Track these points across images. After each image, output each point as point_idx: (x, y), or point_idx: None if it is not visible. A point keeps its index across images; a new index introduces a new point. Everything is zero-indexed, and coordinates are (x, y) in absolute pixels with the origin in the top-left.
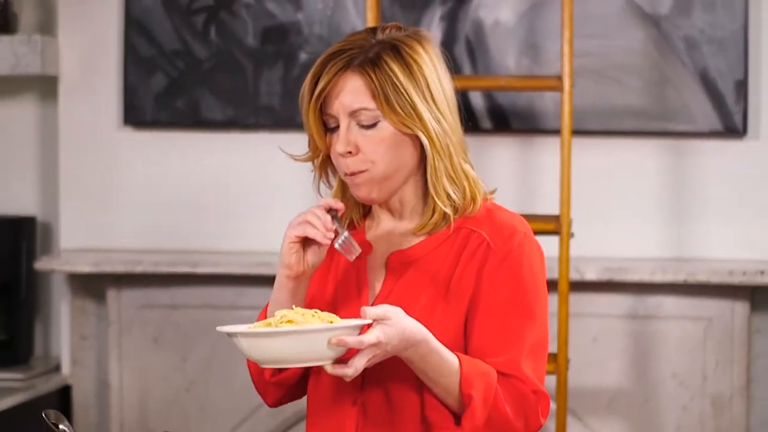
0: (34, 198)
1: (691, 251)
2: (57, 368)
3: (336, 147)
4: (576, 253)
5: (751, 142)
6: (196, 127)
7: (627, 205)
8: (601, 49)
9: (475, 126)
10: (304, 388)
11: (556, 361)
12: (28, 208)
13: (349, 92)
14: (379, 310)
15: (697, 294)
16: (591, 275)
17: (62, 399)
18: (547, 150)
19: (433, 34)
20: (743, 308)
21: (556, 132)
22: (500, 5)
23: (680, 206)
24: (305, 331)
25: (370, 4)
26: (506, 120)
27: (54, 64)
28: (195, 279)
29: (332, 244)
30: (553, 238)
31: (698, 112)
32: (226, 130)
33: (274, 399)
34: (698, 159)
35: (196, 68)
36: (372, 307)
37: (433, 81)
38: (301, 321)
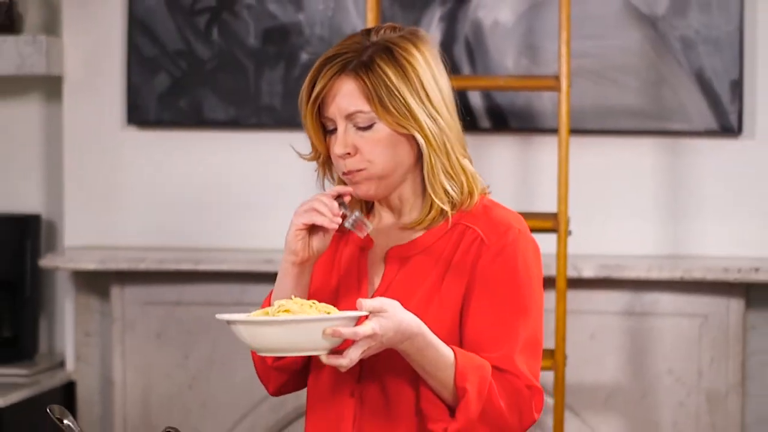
0: (39, 196)
1: (687, 249)
2: (61, 364)
3: (334, 149)
4: (573, 251)
5: (747, 142)
6: (199, 126)
7: (624, 203)
8: (598, 49)
9: (474, 125)
10: (305, 378)
11: (553, 358)
12: (32, 207)
13: (345, 96)
14: (376, 303)
15: (693, 291)
16: (588, 272)
17: (66, 395)
18: (545, 149)
19: (433, 34)
20: (738, 305)
21: (554, 131)
22: (499, 6)
23: (676, 204)
24: (301, 320)
25: (371, 4)
26: (505, 119)
27: (58, 64)
28: (198, 276)
29: (340, 229)
30: (551, 236)
31: (694, 111)
32: (229, 130)
33: (276, 386)
34: (694, 158)
35: (199, 68)
36: (368, 299)
37: (427, 80)
38: (298, 311)
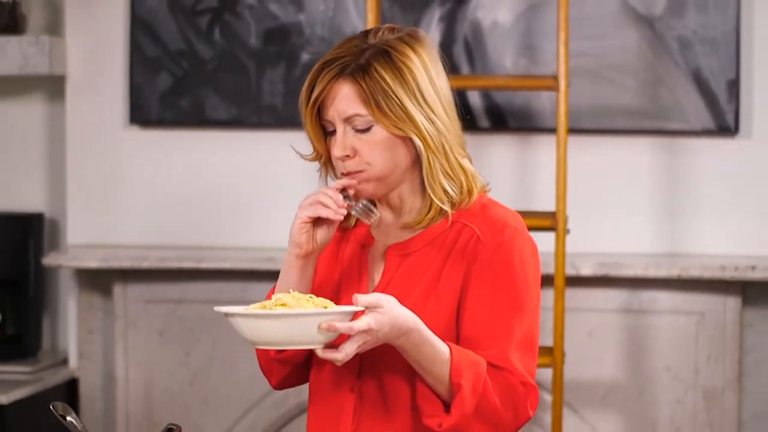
0: (42, 195)
1: (684, 247)
2: (64, 362)
3: (333, 151)
4: (572, 249)
5: (743, 141)
6: (201, 125)
7: (622, 201)
8: (596, 49)
9: (473, 125)
10: (307, 373)
11: (552, 355)
12: (36, 205)
13: (343, 99)
14: (372, 298)
15: (690, 289)
16: (586, 270)
17: (69, 391)
18: (543, 148)
19: (432, 34)
20: (735, 303)
21: (552, 130)
22: (498, 6)
23: (674, 203)
24: (296, 314)
25: (371, 5)
26: (504, 119)
27: (61, 64)
28: (200, 274)
29: (344, 225)
30: (549, 235)
31: (691, 111)
32: (230, 129)
33: (278, 379)
34: (691, 157)
35: (201, 68)
36: (364, 294)
37: (423, 82)
38: (295, 305)
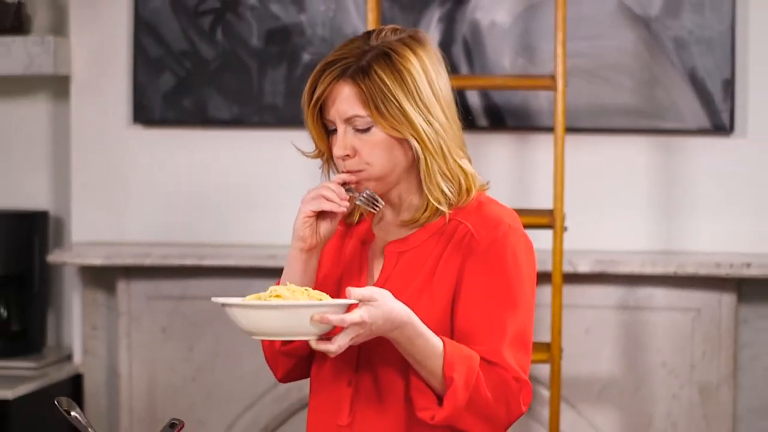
0: (47, 193)
1: (680, 244)
2: (69, 357)
3: (334, 151)
4: (569, 247)
5: (738, 140)
6: (203, 125)
7: (618, 200)
8: (593, 49)
9: (471, 124)
10: (311, 366)
11: (549, 351)
12: (40, 203)
13: (343, 100)
14: (366, 292)
15: (686, 286)
16: (584, 267)
17: (74, 387)
18: (541, 147)
19: (432, 35)
20: (730, 299)
21: (550, 129)
22: (496, 7)
23: (670, 201)
24: (289, 306)
25: (371, 6)
26: (502, 118)
27: (66, 64)
28: (202, 271)
29: (348, 220)
30: (547, 232)
31: (687, 110)
32: (232, 128)
33: (284, 371)
34: (687, 156)
35: (203, 68)
36: (358, 288)
37: (423, 85)
38: (290, 297)
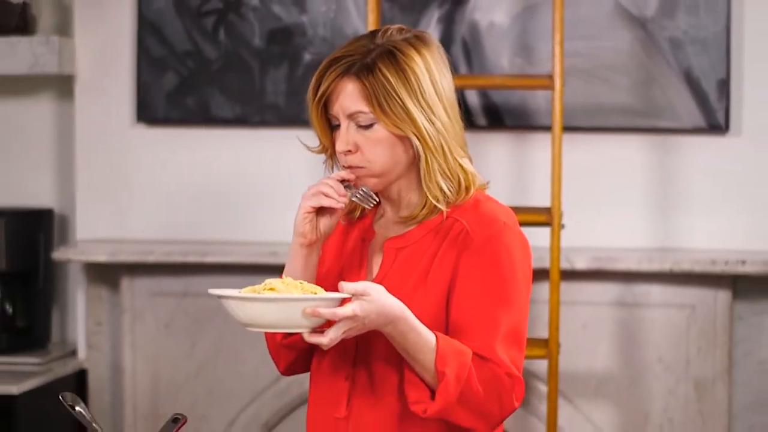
0: (52, 191)
1: (676, 242)
2: (73, 353)
3: (337, 146)
4: (566, 244)
5: (733, 139)
6: (206, 124)
7: (615, 198)
8: (590, 49)
9: (470, 123)
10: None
11: (547, 347)
12: (45, 201)
13: (347, 96)
14: (359, 286)
15: (682, 282)
16: (581, 264)
17: (78, 382)
18: (539, 145)
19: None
20: (725, 296)
21: (547, 128)
22: (495, 8)
23: (666, 199)
24: (281, 299)
25: (371, 6)
26: (500, 117)
27: (70, 63)
28: (204, 268)
29: (348, 216)
30: (544, 230)
31: (683, 109)
32: (234, 127)
33: (286, 364)
34: (683, 154)
35: (206, 68)
36: (351, 282)
37: (426, 84)
38: (283, 290)
